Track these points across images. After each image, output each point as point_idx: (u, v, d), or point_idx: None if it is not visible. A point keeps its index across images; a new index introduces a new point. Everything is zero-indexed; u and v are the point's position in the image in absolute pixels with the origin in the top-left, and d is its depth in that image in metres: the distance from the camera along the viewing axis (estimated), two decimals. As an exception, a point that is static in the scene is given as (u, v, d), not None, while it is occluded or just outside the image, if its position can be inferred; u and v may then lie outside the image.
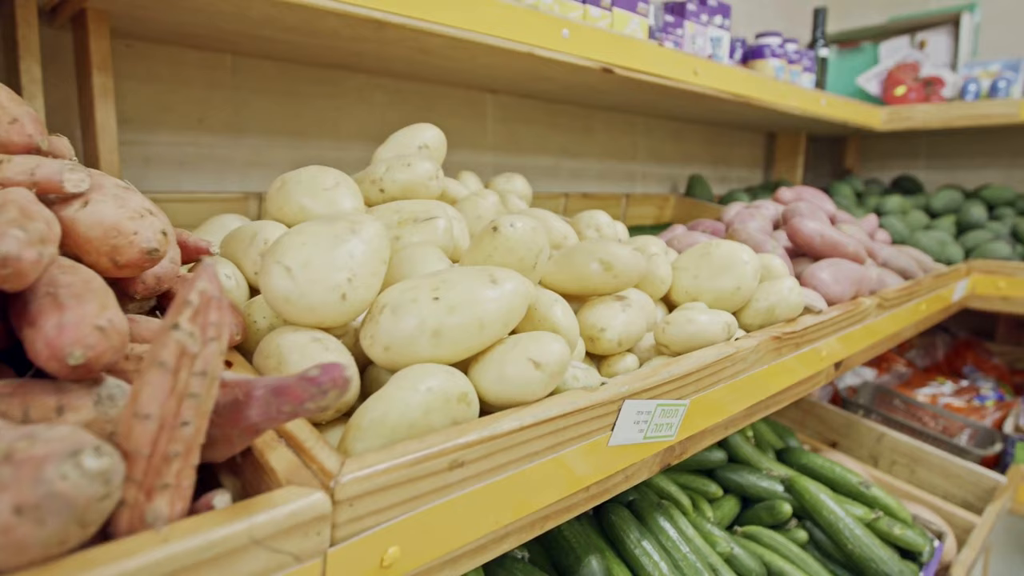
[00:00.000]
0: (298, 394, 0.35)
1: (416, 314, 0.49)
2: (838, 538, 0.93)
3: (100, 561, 0.31)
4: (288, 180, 0.67)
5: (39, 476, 0.29)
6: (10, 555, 0.29)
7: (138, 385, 0.34)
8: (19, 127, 0.44)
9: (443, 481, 0.45)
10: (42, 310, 0.36)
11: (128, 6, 0.78)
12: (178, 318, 0.34)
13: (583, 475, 0.58)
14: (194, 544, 0.33)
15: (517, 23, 0.95)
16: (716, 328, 0.75)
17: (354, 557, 0.41)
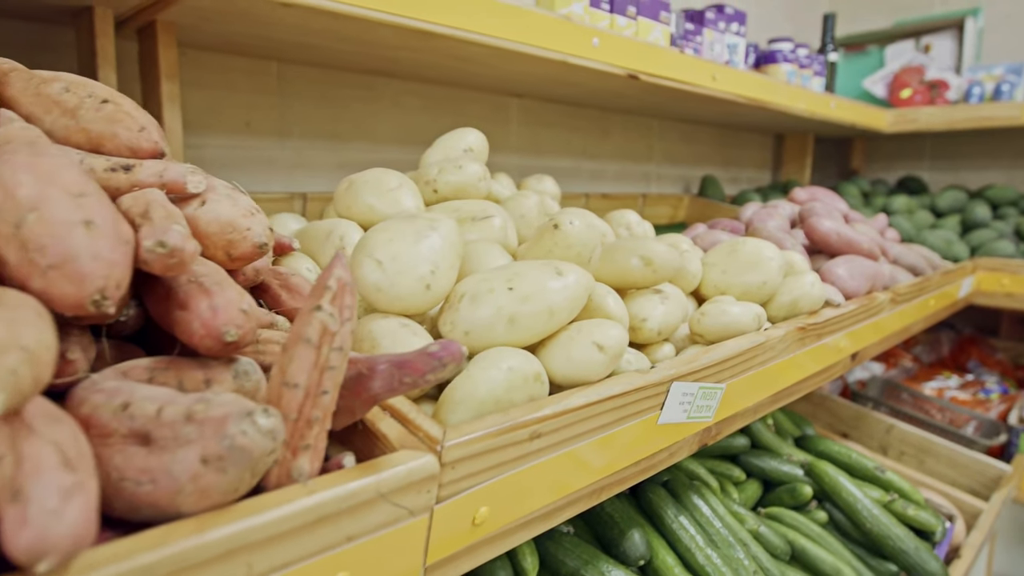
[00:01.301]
0: (420, 367, 0.41)
1: (493, 303, 0.55)
2: (856, 518, 0.99)
3: (267, 506, 0.36)
4: (355, 181, 0.72)
5: (223, 432, 0.34)
6: (196, 499, 0.34)
7: (286, 359, 0.39)
8: (147, 134, 0.50)
9: (524, 450, 0.50)
10: (191, 295, 0.42)
11: (196, 19, 0.83)
12: (320, 300, 0.39)
13: (636, 450, 0.63)
14: (334, 495, 0.38)
15: (552, 33, 1.01)
16: (747, 319, 0.81)
17: (453, 515, 0.47)
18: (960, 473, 1.49)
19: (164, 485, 0.34)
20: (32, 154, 0.38)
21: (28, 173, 0.36)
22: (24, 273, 0.34)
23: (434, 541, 0.46)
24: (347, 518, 0.39)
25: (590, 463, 0.58)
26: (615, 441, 0.60)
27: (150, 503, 0.34)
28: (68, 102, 0.48)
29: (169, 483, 0.34)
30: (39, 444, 0.30)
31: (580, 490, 0.58)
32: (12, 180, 0.35)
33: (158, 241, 0.38)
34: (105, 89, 0.50)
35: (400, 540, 0.43)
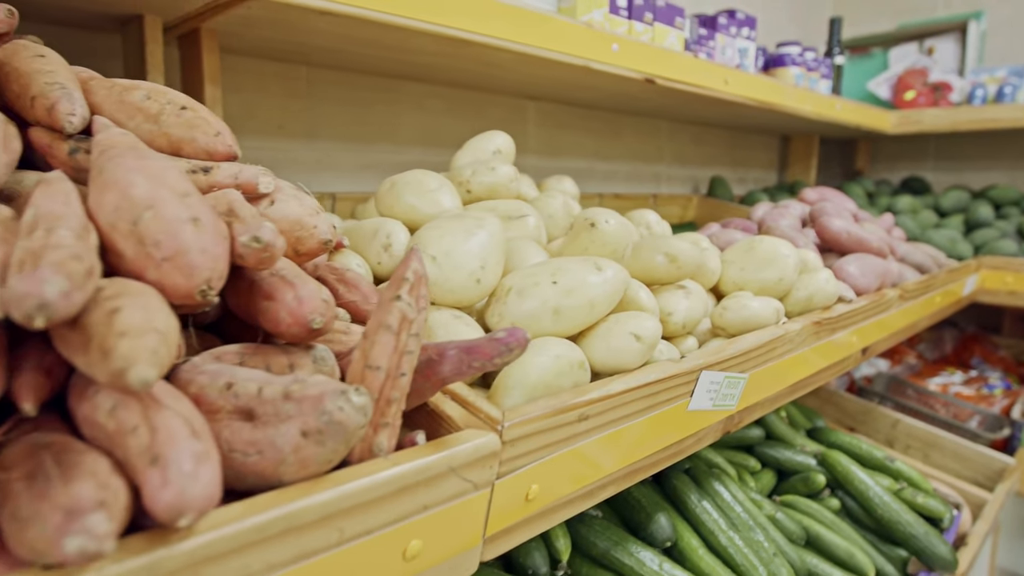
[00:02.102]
0: (487, 352, 0.44)
1: (539, 296, 0.59)
2: (868, 505, 1.03)
3: (356, 476, 0.40)
4: (397, 182, 0.76)
5: (321, 408, 0.38)
6: (297, 469, 0.38)
7: (368, 344, 0.43)
8: (222, 139, 0.53)
9: (572, 431, 0.54)
10: (276, 287, 0.45)
11: (239, 26, 0.87)
12: (399, 291, 0.43)
13: (667, 434, 0.67)
14: (413, 468, 0.42)
15: (575, 39, 1.05)
16: (767, 313, 0.85)
17: (510, 490, 0.50)
18: (965, 466, 1.52)
19: (269, 456, 0.38)
20: (138, 157, 0.42)
21: (140, 174, 0.40)
22: (140, 266, 0.38)
23: (493, 514, 0.50)
24: (423, 489, 0.43)
25: (628, 446, 0.61)
26: (650, 425, 0.64)
27: (256, 472, 0.38)
28: (150, 109, 0.52)
29: (274, 454, 0.37)
30: (169, 416, 0.34)
31: (618, 471, 0.62)
32: (126, 181, 0.39)
33: (253, 236, 0.42)
34: (182, 96, 0.54)
35: (465, 512, 0.47)
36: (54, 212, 0.36)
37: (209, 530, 0.34)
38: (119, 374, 0.31)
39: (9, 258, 0.35)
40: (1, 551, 0.32)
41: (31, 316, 0.29)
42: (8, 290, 0.31)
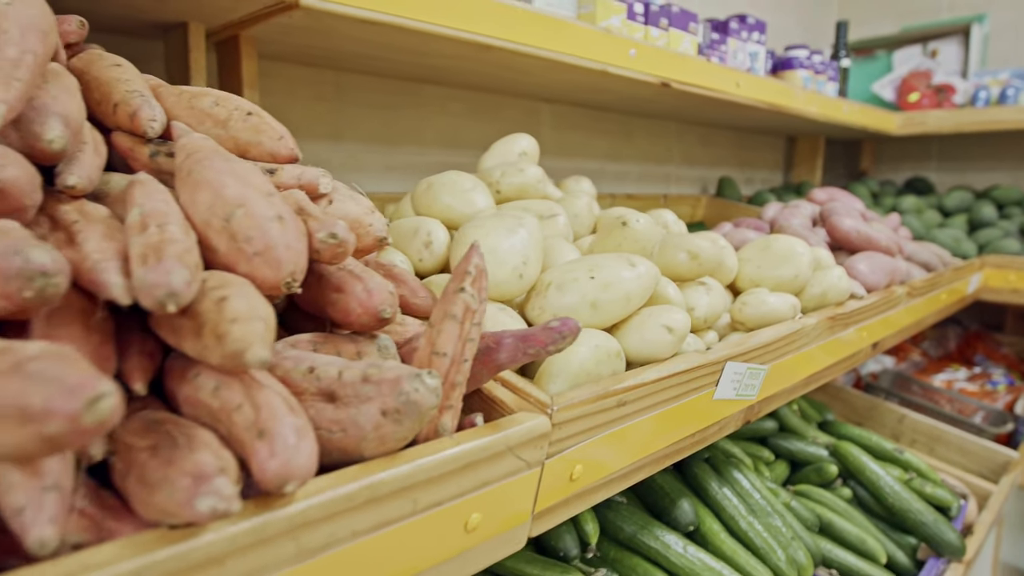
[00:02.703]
0: (542, 340, 0.48)
1: (577, 290, 0.62)
2: (879, 494, 1.06)
3: (428, 453, 0.43)
4: (434, 183, 0.80)
5: (399, 389, 0.41)
6: (376, 446, 0.42)
7: (434, 332, 0.46)
8: (284, 142, 0.57)
9: (612, 416, 0.58)
10: (346, 281, 0.49)
11: (277, 33, 0.91)
12: (463, 283, 0.46)
13: (694, 421, 0.71)
14: (475, 447, 0.46)
15: (594, 44, 1.08)
16: (785, 308, 0.88)
17: (557, 469, 0.54)
18: (969, 459, 1.56)
19: (352, 433, 0.41)
20: (225, 160, 0.45)
21: (230, 176, 0.43)
22: (233, 260, 0.42)
23: (542, 491, 0.53)
24: (483, 467, 0.47)
25: (659, 431, 0.65)
26: (679, 412, 0.67)
27: (340, 448, 0.42)
28: (219, 114, 0.56)
29: (356, 432, 0.41)
30: (270, 394, 0.37)
31: (650, 455, 0.66)
32: (218, 182, 0.43)
33: (330, 233, 0.45)
34: (247, 103, 0.57)
35: (519, 488, 0.51)
36: (159, 210, 0.40)
37: (305, 498, 0.37)
38: (235, 356, 0.34)
39: (122, 251, 0.39)
40: (126, 515, 0.35)
41: (163, 303, 0.33)
42: (138, 280, 0.34)
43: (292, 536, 0.37)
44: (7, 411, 0.27)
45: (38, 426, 0.27)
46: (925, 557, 1.05)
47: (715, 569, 0.79)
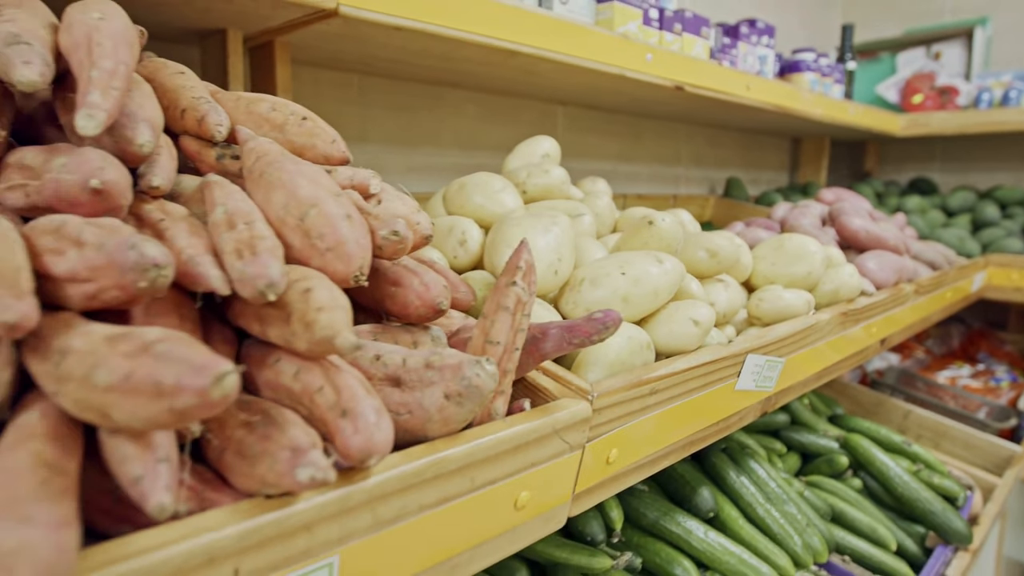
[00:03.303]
0: (586, 330, 0.52)
1: (610, 286, 0.66)
2: (889, 484, 1.10)
3: (484, 434, 0.47)
4: (466, 183, 0.83)
5: (461, 374, 0.45)
6: (440, 427, 0.45)
7: (488, 323, 0.50)
8: (337, 145, 0.60)
9: (644, 403, 0.61)
10: (403, 275, 0.53)
11: (312, 40, 0.94)
12: (514, 277, 0.50)
13: (717, 411, 0.74)
14: (526, 429, 0.49)
15: (613, 49, 1.12)
16: (800, 304, 0.92)
17: (596, 452, 0.58)
18: (974, 454, 1.59)
19: (418, 415, 0.45)
20: (294, 162, 0.49)
21: (302, 177, 0.47)
22: (307, 255, 0.45)
23: (582, 473, 0.57)
24: (533, 448, 0.50)
25: (686, 418, 0.69)
26: (704, 401, 0.71)
27: (407, 429, 0.45)
28: (276, 119, 0.59)
29: (422, 413, 0.45)
30: (349, 378, 0.41)
31: (677, 441, 0.69)
32: (292, 183, 0.46)
33: (392, 231, 0.49)
34: (300, 107, 0.61)
35: (563, 469, 0.54)
36: (242, 209, 0.43)
37: (381, 472, 0.41)
38: (325, 341, 0.38)
39: (209, 246, 0.42)
40: (221, 486, 0.39)
41: (264, 293, 0.37)
42: (237, 272, 0.38)
43: (370, 507, 0.40)
44: (142, 387, 0.30)
45: (170, 400, 0.30)
46: (933, 545, 1.08)
47: (735, 553, 0.82)
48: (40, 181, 0.42)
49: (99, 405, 0.31)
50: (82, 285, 0.36)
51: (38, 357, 0.35)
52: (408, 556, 0.44)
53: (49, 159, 0.42)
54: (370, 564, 0.42)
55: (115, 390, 0.31)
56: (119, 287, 0.36)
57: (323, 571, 0.39)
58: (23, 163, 0.43)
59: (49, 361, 0.34)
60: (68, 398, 0.32)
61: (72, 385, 0.32)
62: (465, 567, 0.50)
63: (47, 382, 0.34)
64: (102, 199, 0.41)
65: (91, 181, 0.39)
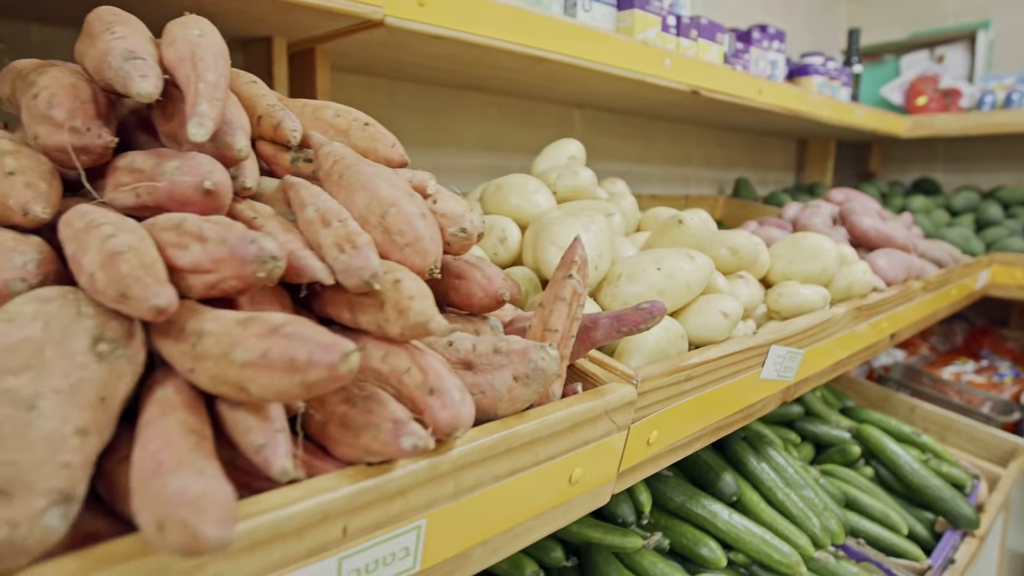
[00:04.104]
0: (634, 319, 0.56)
1: (646, 280, 0.70)
2: (900, 472, 1.15)
3: (547, 412, 0.51)
4: (503, 184, 0.88)
5: (528, 358, 0.49)
6: (509, 406, 0.50)
7: (546, 312, 0.54)
8: (396, 149, 0.65)
9: (680, 389, 0.66)
10: (465, 269, 0.57)
11: (352, 47, 0.99)
12: (570, 271, 0.54)
13: (743, 398, 0.79)
14: (581, 409, 0.54)
15: (633, 55, 1.16)
16: (817, 299, 0.97)
17: (639, 433, 0.62)
18: (978, 447, 1.64)
19: (490, 395, 0.49)
20: (370, 166, 0.53)
21: (380, 179, 0.51)
22: (386, 250, 0.50)
23: (627, 452, 0.61)
24: (586, 427, 0.55)
25: (716, 404, 0.73)
26: (732, 389, 0.75)
27: (479, 408, 0.50)
28: (340, 124, 0.64)
29: (493, 394, 0.49)
30: (433, 360, 0.45)
31: (708, 426, 0.74)
32: (372, 184, 0.51)
33: (460, 228, 0.54)
34: (362, 114, 0.65)
35: (611, 448, 0.59)
36: (332, 208, 0.48)
37: (463, 444, 0.45)
38: (419, 326, 0.42)
39: (304, 241, 0.47)
40: (323, 456, 0.43)
41: (368, 282, 0.41)
42: (341, 264, 0.42)
43: (453, 476, 0.45)
44: (278, 363, 0.35)
45: (303, 375, 0.35)
46: (942, 530, 1.13)
47: (758, 534, 0.87)
48: (152, 182, 0.46)
49: (236, 380, 0.36)
50: (204, 275, 0.41)
51: (171, 339, 0.39)
52: (480, 523, 0.49)
53: (160, 163, 0.47)
54: (450, 528, 0.46)
55: (252, 366, 0.35)
56: (238, 277, 0.40)
57: (412, 533, 0.44)
58: (133, 166, 0.48)
59: (185, 342, 0.38)
60: (205, 375, 0.37)
61: (209, 363, 0.37)
62: (525, 536, 0.55)
63: (182, 361, 0.38)
64: (212, 199, 0.45)
65: (205, 183, 0.44)
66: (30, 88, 0.48)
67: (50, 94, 0.47)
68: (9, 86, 0.54)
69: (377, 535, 0.42)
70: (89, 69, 0.50)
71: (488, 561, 0.52)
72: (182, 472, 0.31)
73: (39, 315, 0.36)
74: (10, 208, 0.43)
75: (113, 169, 0.49)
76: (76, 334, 0.36)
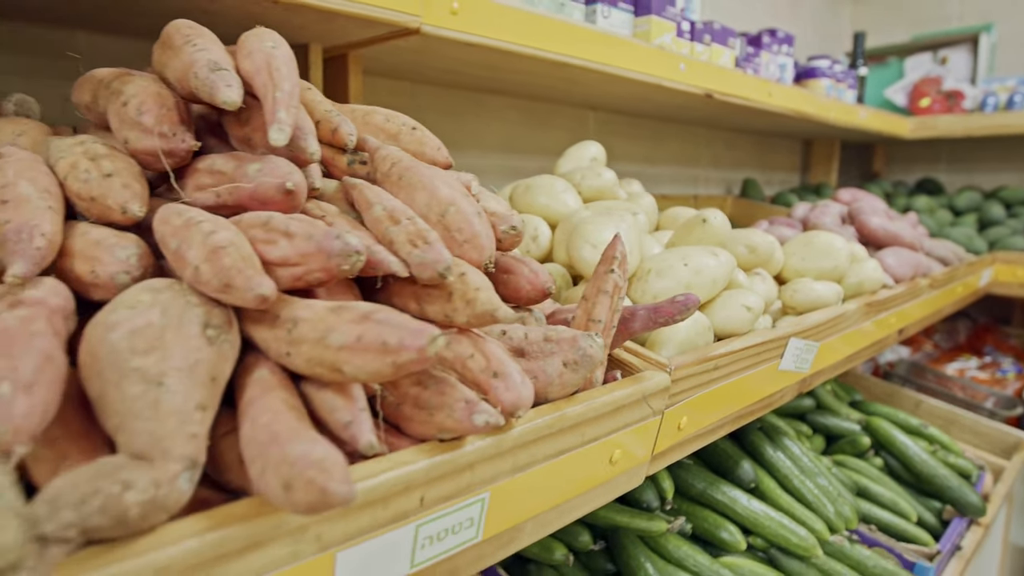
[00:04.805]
0: (670, 311, 0.60)
1: (674, 276, 0.74)
2: (909, 462, 1.19)
3: (592, 397, 0.55)
4: (532, 185, 0.92)
5: (577, 345, 0.53)
6: (559, 390, 0.54)
7: (590, 304, 0.58)
8: (442, 152, 0.69)
9: (708, 377, 0.70)
10: (512, 264, 0.61)
11: (385, 54, 1.03)
12: (612, 266, 0.59)
13: (763, 388, 0.83)
14: (622, 394, 0.58)
15: (651, 60, 1.20)
16: (830, 295, 1.01)
17: (671, 419, 0.66)
18: (983, 440, 1.68)
19: (542, 380, 0.53)
20: (427, 167, 0.57)
21: (438, 180, 0.55)
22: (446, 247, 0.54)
23: (660, 436, 0.66)
24: (626, 411, 0.59)
25: (738, 393, 0.77)
26: (753, 379, 0.80)
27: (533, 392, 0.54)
28: (390, 129, 0.68)
29: (544, 379, 0.53)
30: (494, 346, 0.49)
31: (731, 413, 0.78)
32: (432, 185, 0.55)
33: (511, 226, 0.58)
34: (409, 118, 0.69)
35: (646, 432, 0.63)
36: (399, 206, 0.52)
37: (522, 424, 0.49)
38: (486, 315, 0.46)
39: (378, 238, 0.51)
40: (397, 434, 0.47)
41: (443, 275, 0.45)
42: (416, 258, 0.46)
43: (512, 453, 0.49)
44: (372, 346, 0.39)
45: (394, 356, 0.39)
46: (950, 518, 1.17)
47: (776, 519, 0.91)
48: (235, 183, 0.50)
49: (332, 362, 0.40)
50: (291, 268, 0.45)
51: (265, 326, 0.43)
52: (533, 498, 0.53)
53: (240, 165, 0.51)
54: (508, 502, 0.50)
55: (347, 349, 0.39)
56: (323, 270, 0.44)
57: (477, 505, 0.48)
58: (213, 168, 0.52)
59: (280, 328, 0.42)
60: (301, 357, 0.41)
61: (306, 347, 0.41)
62: (570, 513, 0.59)
63: (277, 345, 0.42)
64: (291, 198, 0.49)
65: (287, 183, 0.48)
66: (118, 96, 0.53)
67: (139, 101, 0.51)
68: (89, 94, 0.58)
69: (449, 505, 0.46)
70: (171, 78, 0.54)
71: (538, 535, 0.56)
72: (299, 440, 0.35)
73: (156, 303, 0.40)
74: (109, 207, 0.47)
75: (193, 171, 0.53)
76: (189, 320, 0.40)
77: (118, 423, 0.35)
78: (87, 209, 0.48)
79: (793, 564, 0.92)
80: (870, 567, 0.93)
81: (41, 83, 0.90)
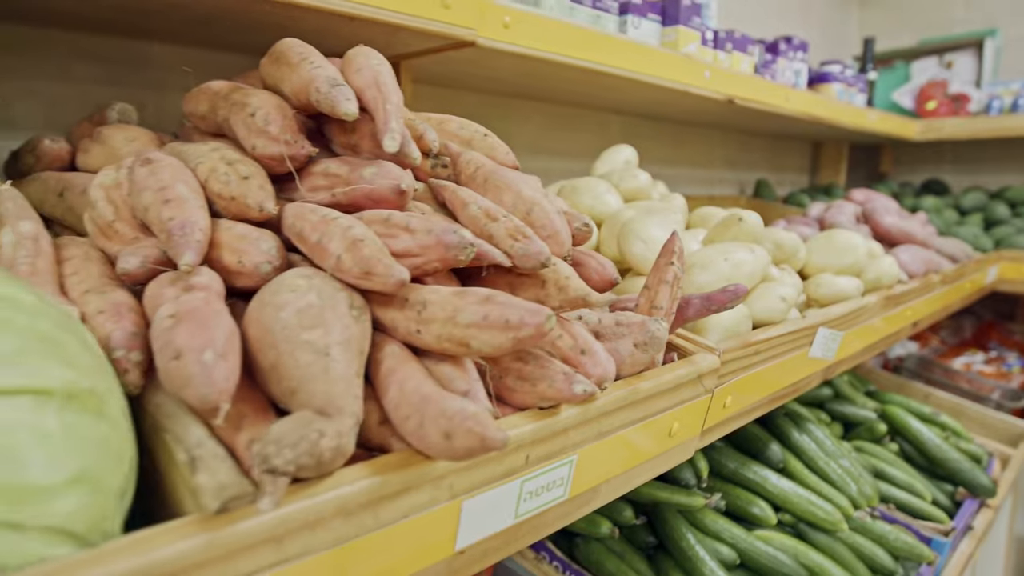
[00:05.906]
0: (722, 299, 0.67)
1: (716, 270, 0.82)
2: (923, 447, 1.26)
3: (656, 375, 0.63)
4: (577, 186, 0.99)
5: (646, 329, 0.61)
6: (630, 367, 0.61)
7: (652, 293, 0.66)
8: (510, 156, 0.76)
9: (750, 361, 0.77)
10: (582, 257, 0.68)
11: (434, 63, 1.10)
12: (672, 259, 0.66)
13: (795, 373, 0.90)
14: (681, 373, 0.65)
15: (678, 68, 1.27)
16: (851, 288, 1.08)
17: (719, 398, 0.73)
18: (989, 431, 1.76)
19: (616, 359, 0.60)
20: (508, 170, 0.65)
21: (520, 183, 0.63)
22: (530, 240, 0.61)
23: (710, 413, 0.73)
24: (682, 389, 0.66)
25: (773, 378, 0.85)
26: (787, 365, 0.87)
27: (606, 368, 0.61)
28: (464, 135, 0.75)
29: (618, 357, 0.60)
30: (579, 328, 0.57)
31: (767, 396, 0.85)
32: (516, 187, 0.62)
33: (583, 223, 0.65)
34: (480, 126, 0.76)
35: (699, 408, 0.70)
36: (491, 205, 0.59)
37: (604, 396, 0.57)
38: (579, 299, 0.53)
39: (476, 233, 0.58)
40: (501, 404, 0.54)
41: (545, 264, 0.52)
42: (520, 250, 0.53)
43: (596, 422, 0.56)
44: (496, 323, 0.46)
45: (515, 332, 0.46)
46: (962, 499, 1.24)
47: (803, 496, 0.98)
48: (350, 185, 0.57)
49: (460, 337, 0.47)
50: (412, 259, 0.52)
51: (395, 308, 0.50)
52: (608, 464, 0.60)
53: (355, 169, 0.58)
54: (590, 465, 0.58)
55: (475, 326, 0.46)
56: (441, 260, 0.51)
57: (567, 466, 0.55)
58: (328, 171, 0.59)
59: (411, 310, 0.49)
60: (431, 334, 0.48)
61: (436, 325, 0.48)
62: (635, 479, 0.66)
63: (407, 324, 0.49)
64: (402, 198, 0.56)
65: (401, 184, 0.55)
66: (243, 107, 0.60)
67: (265, 112, 0.58)
68: (206, 104, 0.66)
69: (546, 464, 0.53)
70: (286, 91, 0.61)
71: (610, 496, 0.63)
72: (450, 399, 0.42)
73: (311, 287, 0.47)
74: (248, 206, 0.54)
75: (308, 174, 0.60)
76: (339, 301, 0.47)
77: (294, 386, 0.42)
78: (225, 207, 0.55)
79: (820, 538, 0.99)
80: (891, 540, 1.00)
81: (117, 92, 0.97)
